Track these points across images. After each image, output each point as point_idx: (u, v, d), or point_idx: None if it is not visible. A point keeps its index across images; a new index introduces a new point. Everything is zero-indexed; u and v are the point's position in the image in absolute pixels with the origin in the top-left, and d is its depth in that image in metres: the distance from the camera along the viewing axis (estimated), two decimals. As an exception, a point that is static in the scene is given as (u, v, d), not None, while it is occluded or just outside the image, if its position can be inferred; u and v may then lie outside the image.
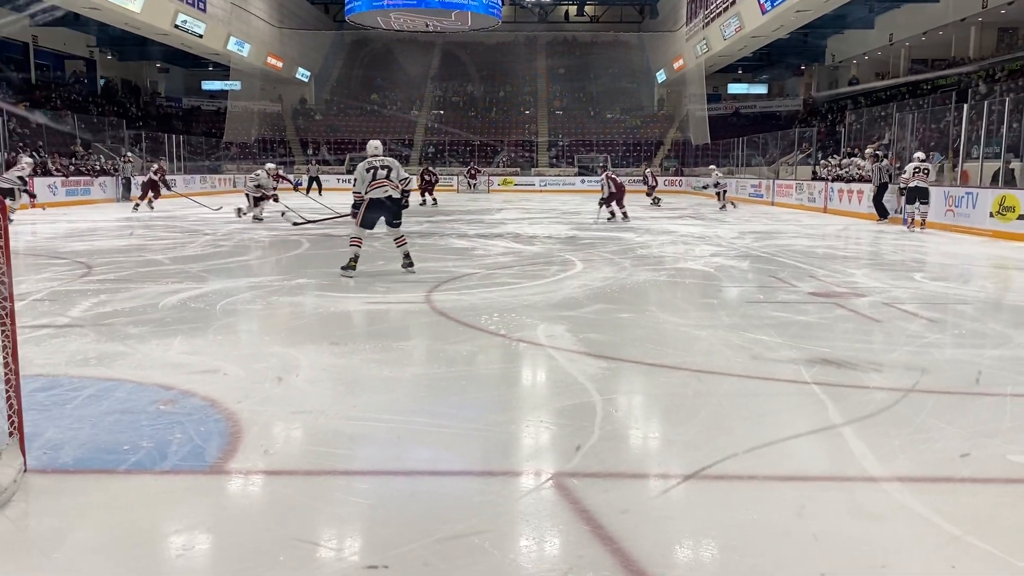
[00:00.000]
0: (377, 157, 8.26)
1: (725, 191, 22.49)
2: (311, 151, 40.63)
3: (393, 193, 8.25)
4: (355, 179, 8.34)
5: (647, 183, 25.52)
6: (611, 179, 16.39)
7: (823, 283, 7.93)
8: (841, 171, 21.95)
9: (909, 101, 24.53)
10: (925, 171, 14.85)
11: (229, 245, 11.40)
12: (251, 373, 4.38)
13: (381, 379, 4.36)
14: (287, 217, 14.79)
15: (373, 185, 8.18)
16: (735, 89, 45.13)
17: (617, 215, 16.47)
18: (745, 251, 11.06)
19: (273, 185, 16.12)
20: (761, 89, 45.37)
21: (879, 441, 3.36)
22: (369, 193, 8.21)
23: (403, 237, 8.51)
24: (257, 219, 15.61)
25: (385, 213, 8.29)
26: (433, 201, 23.49)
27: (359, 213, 8.29)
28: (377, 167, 8.20)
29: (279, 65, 39.44)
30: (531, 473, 3.06)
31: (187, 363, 4.61)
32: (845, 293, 7.33)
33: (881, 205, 17.25)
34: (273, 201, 15.84)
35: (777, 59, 39.33)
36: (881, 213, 17.24)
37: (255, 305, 6.57)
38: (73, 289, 7.26)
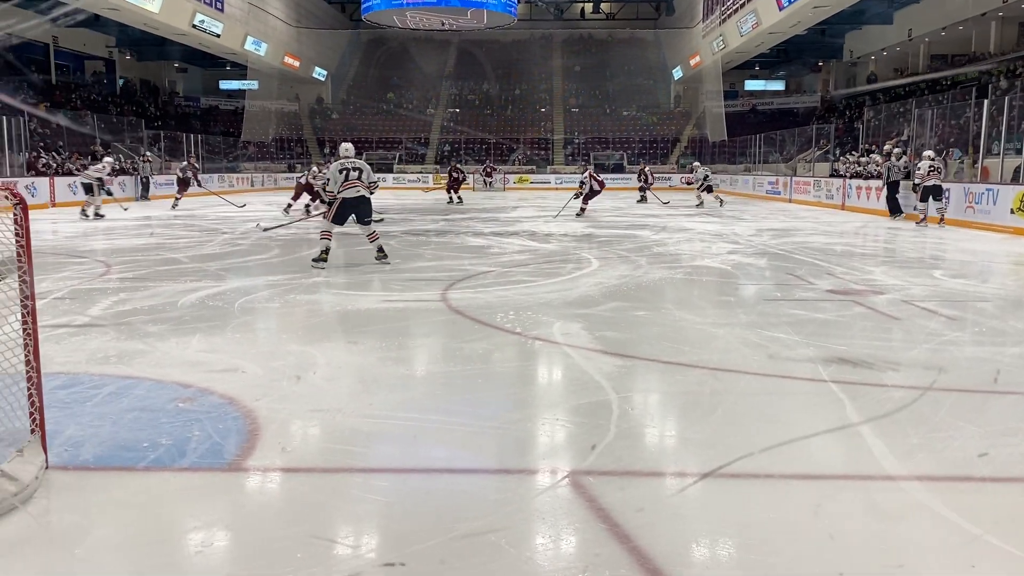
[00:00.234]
0: (349, 159, 8.88)
1: (711, 186, 22.43)
2: (327, 150, 40.78)
3: (364, 193, 8.80)
4: (328, 179, 8.92)
5: (640, 180, 24.81)
6: (593, 177, 17.39)
7: (841, 280, 7.88)
8: (859, 168, 21.79)
9: (928, 97, 24.31)
10: (939, 169, 14.89)
11: (247, 244, 11.47)
12: (269, 371, 4.41)
13: (397, 377, 4.38)
14: (259, 225, 14.82)
15: (345, 185, 8.72)
16: (752, 86, 44.85)
17: (578, 208, 17.51)
18: (762, 248, 11.00)
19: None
20: (778, 86, 45.08)
21: (897, 440, 3.34)
22: (341, 193, 8.74)
23: (374, 233, 9.12)
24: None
25: (356, 211, 8.80)
26: (459, 199, 23.44)
27: (331, 211, 8.83)
28: (349, 169, 8.76)
29: (296, 64, 39.61)
30: (547, 471, 3.06)
31: (205, 361, 4.64)
32: (863, 291, 7.28)
33: (894, 201, 17.14)
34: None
35: (794, 55, 39.07)
36: (893, 210, 17.15)
37: (273, 303, 6.61)
38: (93, 288, 7.33)
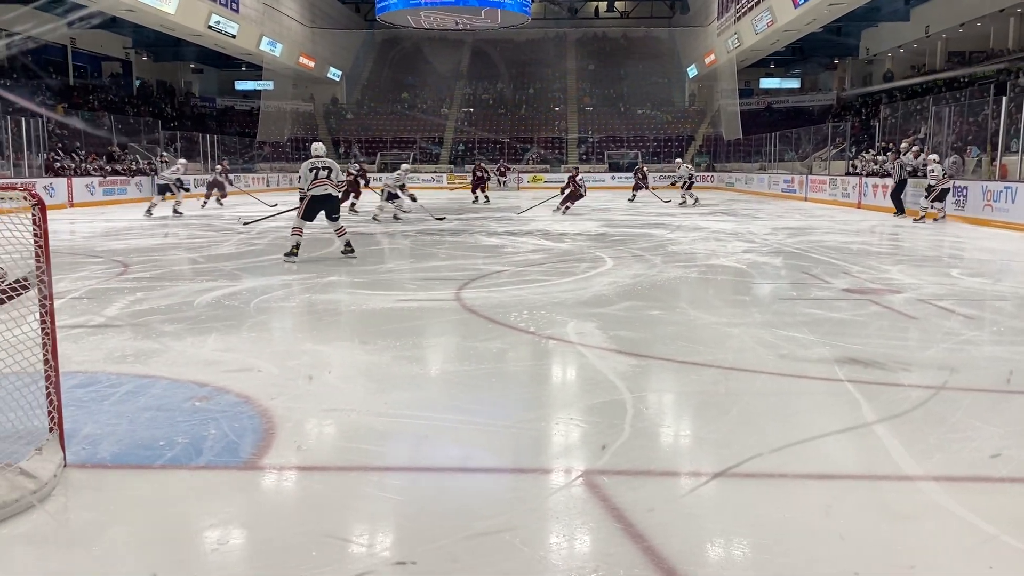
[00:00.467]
0: (320, 159, 9.29)
1: (692, 183, 22.43)
2: (342, 150, 40.93)
3: (332, 191, 9.27)
4: (299, 176, 9.34)
5: (637, 178, 24.15)
6: (574, 181, 18.28)
7: (857, 279, 7.83)
8: (876, 166, 21.64)
9: (946, 94, 24.10)
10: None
11: (262, 244, 11.52)
12: (284, 370, 4.43)
13: (412, 376, 4.39)
14: (240, 218, 14.89)
15: (315, 184, 9.15)
16: (767, 84, 44.61)
17: (561, 210, 18.27)
18: (778, 247, 10.95)
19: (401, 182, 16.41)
20: (793, 84, 44.81)
21: (913, 439, 3.32)
22: (311, 190, 9.15)
23: (341, 228, 9.54)
24: (397, 218, 15.88)
25: (325, 208, 9.26)
26: (485, 198, 23.36)
27: (301, 207, 9.23)
28: (319, 167, 9.18)
29: (311, 65, 39.75)
30: (561, 470, 3.06)
31: (221, 360, 4.67)
32: (880, 289, 7.23)
33: (899, 200, 17.18)
34: (411, 199, 16.20)
35: (810, 53, 38.82)
36: (899, 208, 17.21)
37: (288, 303, 6.64)
38: (110, 287, 7.39)
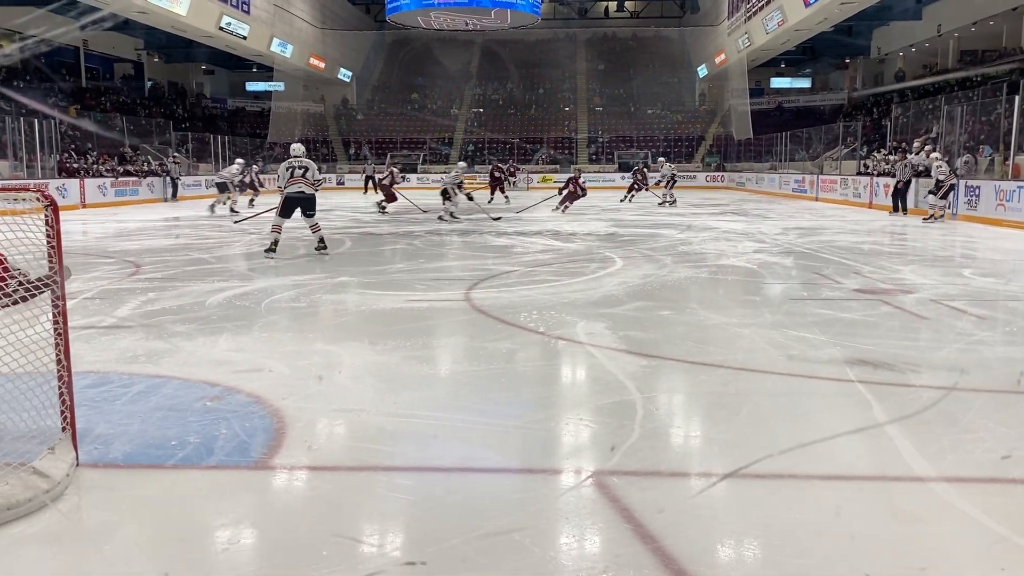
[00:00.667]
0: (297, 159, 9.67)
1: (675, 183, 22.22)
2: (352, 151, 41.05)
3: (306, 189, 9.61)
4: (278, 175, 9.82)
5: (635, 179, 23.85)
6: (575, 182, 18.39)
7: (868, 280, 7.79)
8: (887, 166, 21.54)
9: (958, 93, 23.96)
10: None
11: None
12: (295, 370, 4.44)
13: (421, 376, 4.40)
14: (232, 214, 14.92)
15: (290, 182, 9.58)
16: (778, 83, 44.42)
17: (560, 209, 18.55)
18: (788, 247, 10.91)
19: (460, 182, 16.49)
20: (804, 83, 44.62)
21: (924, 440, 3.30)
22: (287, 189, 9.60)
23: (316, 224, 9.96)
24: (454, 216, 15.92)
25: (301, 206, 9.68)
26: (506, 198, 23.24)
27: (279, 205, 9.70)
28: (295, 167, 9.59)
29: (321, 66, 39.86)
30: (571, 471, 3.06)
31: (232, 360, 4.69)
32: (891, 290, 7.20)
33: (904, 199, 17.20)
34: (467, 199, 16.33)
35: (821, 53, 38.64)
36: (896, 207, 17.33)
37: (298, 303, 6.66)
38: (122, 288, 7.43)
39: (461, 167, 16.86)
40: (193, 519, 2.68)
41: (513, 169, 33.76)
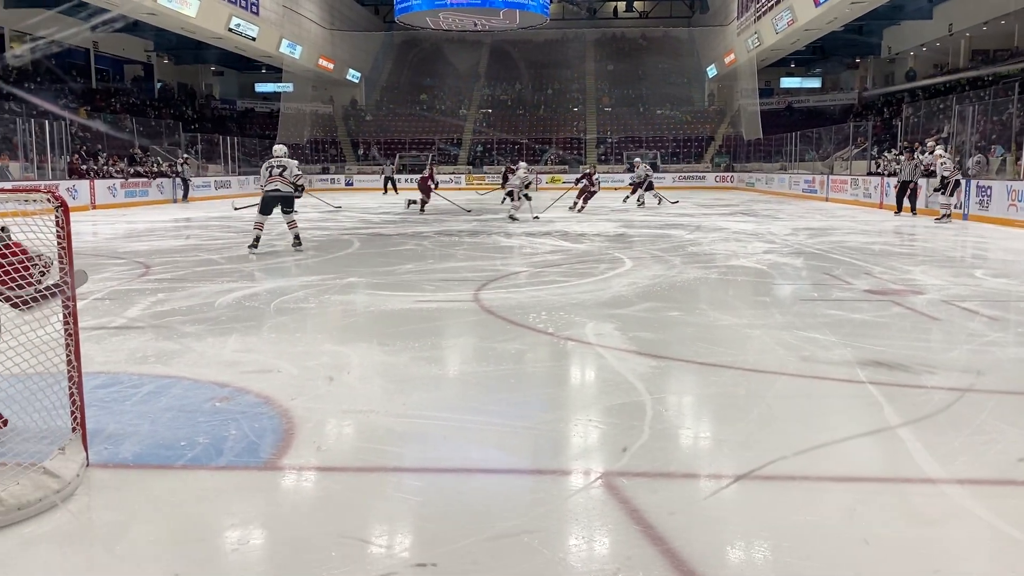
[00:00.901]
0: (276, 159, 10.26)
1: (650, 182, 21.44)
2: (361, 152, 41.13)
3: (283, 188, 10.15)
4: (260, 175, 10.39)
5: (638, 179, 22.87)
6: (588, 177, 18.80)
7: (879, 280, 7.75)
8: (897, 166, 21.44)
9: (969, 93, 23.84)
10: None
11: (282, 245, 11.57)
12: (304, 371, 4.45)
13: (430, 377, 4.39)
14: (234, 203, 14.98)
15: (269, 181, 10.16)
16: (787, 83, 44.28)
17: (576, 206, 18.97)
18: (798, 248, 10.87)
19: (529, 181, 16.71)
20: (814, 83, 44.47)
21: (937, 442, 3.28)
22: (265, 188, 10.18)
23: (294, 222, 10.54)
24: (513, 218, 16.23)
25: (279, 203, 10.23)
26: (522, 198, 23.17)
27: (259, 203, 10.29)
28: (274, 166, 10.18)
29: (330, 67, 39.94)
30: (580, 472, 3.05)
31: (242, 361, 4.70)
32: (902, 290, 7.16)
33: (910, 199, 17.17)
34: (526, 199, 16.63)
35: (831, 52, 38.49)
36: (900, 207, 17.34)
37: (307, 304, 6.67)
38: (132, 288, 7.45)
39: (525, 167, 17.02)
40: (203, 519, 2.68)
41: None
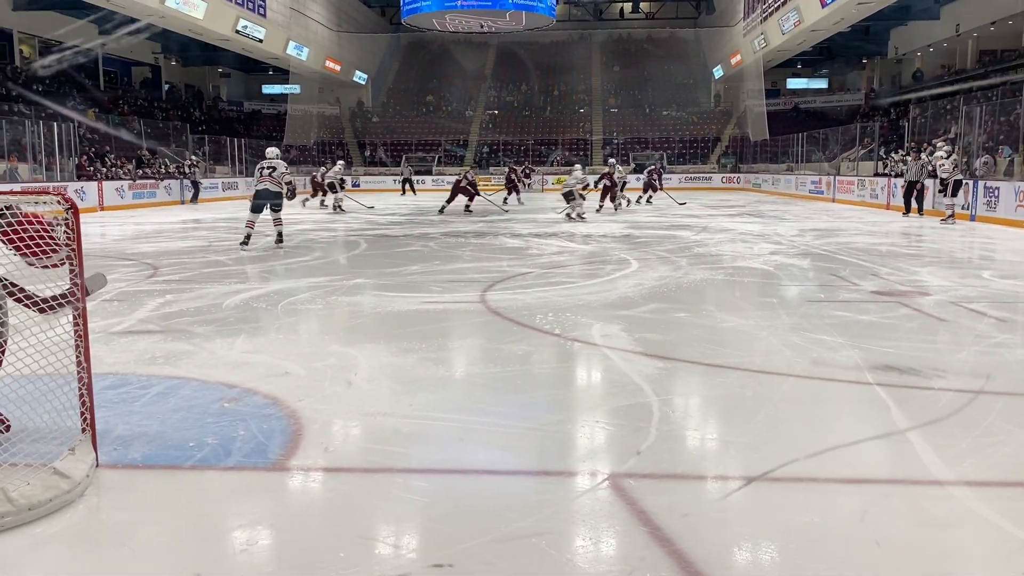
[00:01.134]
0: (267, 160, 10.87)
1: (624, 183, 21.14)
2: (367, 153, 41.20)
3: (271, 187, 10.75)
4: (254, 175, 11.03)
5: (652, 179, 22.78)
6: (610, 176, 19.35)
7: (886, 281, 7.74)
8: (904, 167, 21.38)
9: (977, 93, 23.76)
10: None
11: (289, 246, 11.60)
12: (311, 372, 4.46)
13: (437, 378, 4.40)
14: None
15: (259, 181, 10.79)
16: (794, 84, 44.17)
17: (608, 207, 19.49)
18: (805, 249, 10.85)
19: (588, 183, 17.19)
20: (821, 84, 44.35)
21: (946, 445, 3.27)
22: (255, 187, 10.86)
23: (279, 219, 11.14)
24: (571, 217, 16.63)
25: (267, 202, 10.81)
26: (519, 202, 23.28)
27: (251, 201, 10.97)
28: (264, 167, 10.79)
29: (337, 68, 40.03)
30: (587, 473, 3.05)
31: (250, 362, 4.71)
32: (909, 292, 7.15)
33: (918, 200, 17.15)
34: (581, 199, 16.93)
35: (838, 53, 38.41)
36: (909, 208, 17.29)
37: (315, 305, 6.69)
38: (140, 290, 7.48)
39: (578, 167, 17.37)
40: (211, 520, 2.70)
41: (528, 171, 33.80)
